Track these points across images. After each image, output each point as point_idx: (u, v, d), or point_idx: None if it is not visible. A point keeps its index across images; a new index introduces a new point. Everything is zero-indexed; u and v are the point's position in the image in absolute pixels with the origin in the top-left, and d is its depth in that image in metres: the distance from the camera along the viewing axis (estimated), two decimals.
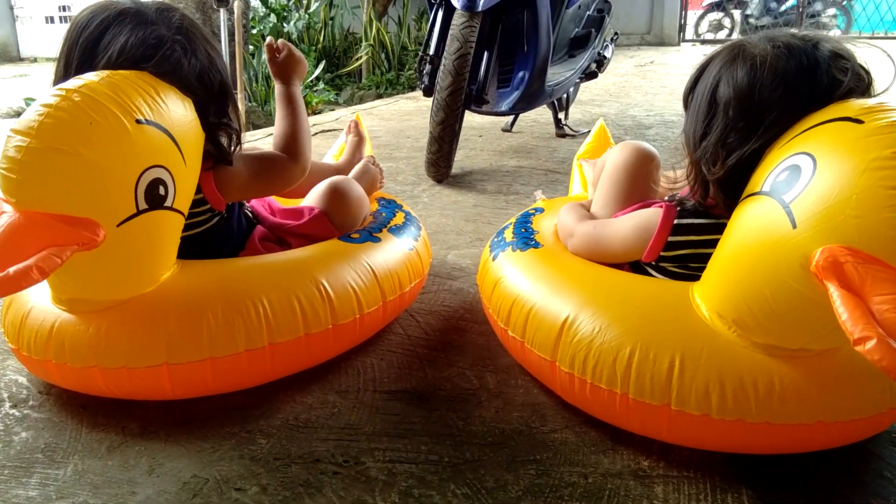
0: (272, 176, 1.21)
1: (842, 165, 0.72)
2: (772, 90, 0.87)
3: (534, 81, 2.45)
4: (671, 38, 8.06)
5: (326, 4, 6.04)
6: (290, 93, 1.27)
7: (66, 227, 0.84)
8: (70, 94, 0.87)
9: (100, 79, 0.91)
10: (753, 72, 0.89)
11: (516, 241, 1.21)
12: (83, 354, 0.98)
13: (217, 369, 1.00)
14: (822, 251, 0.71)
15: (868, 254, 0.69)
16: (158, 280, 1.01)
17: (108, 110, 0.88)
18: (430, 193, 2.26)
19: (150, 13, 1.04)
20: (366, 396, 1.07)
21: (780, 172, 0.79)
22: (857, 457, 0.91)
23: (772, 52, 0.89)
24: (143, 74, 0.97)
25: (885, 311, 0.65)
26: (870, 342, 0.64)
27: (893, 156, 0.70)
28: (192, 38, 1.06)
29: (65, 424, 1.01)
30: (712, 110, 0.93)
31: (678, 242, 0.99)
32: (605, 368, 0.90)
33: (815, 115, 0.82)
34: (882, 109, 0.75)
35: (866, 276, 0.67)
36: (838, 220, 0.71)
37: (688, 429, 0.86)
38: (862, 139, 0.73)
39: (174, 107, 0.98)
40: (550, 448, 0.94)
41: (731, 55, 0.94)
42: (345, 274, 1.13)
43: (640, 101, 4.08)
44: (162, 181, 0.95)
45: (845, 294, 0.68)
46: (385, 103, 4.45)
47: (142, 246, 0.96)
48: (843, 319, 0.67)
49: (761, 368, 0.84)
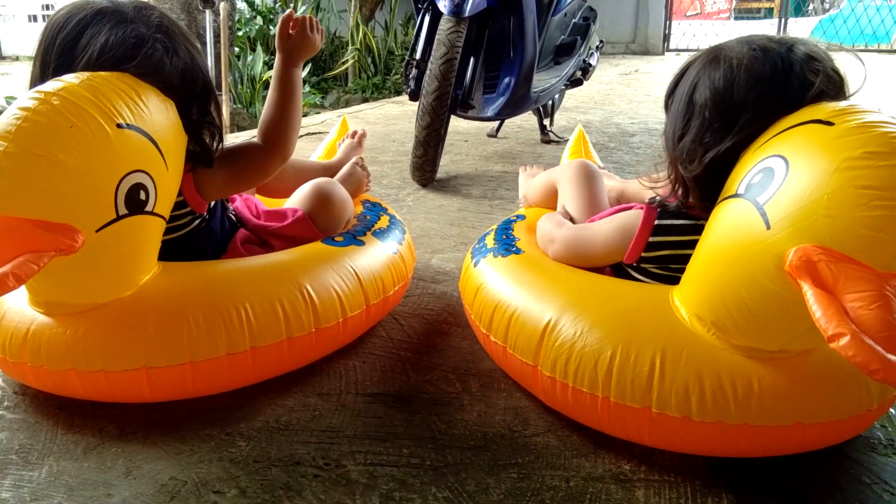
0: (249, 170, 1.17)
1: (813, 166, 0.73)
2: (747, 91, 0.89)
3: (519, 87, 2.46)
4: (655, 48, 8.13)
5: (313, 8, 6.03)
6: (289, 74, 1.18)
7: (43, 232, 0.82)
8: (49, 97, 0.86)
9: (80, 81, 0.90)
10: (730, 73, 0.91)
11: (497, 247, 1.21)
12: (60, 357, 0.97)
13: (197, 373, 0.99)
14: (795, 251, 0.72)
15: (841, 252, 0.70)
16: (138, 284, 1.00)
17: (89, 114, 0.87)
18: (414, 197, 2.26)
19: (129, 12, 1.02)
20: (347, 399, 1.07)
21: (754, 175, 0.80)
22: (836, 462, 0.92)
23: (748, 55, 0.91)
24: (123, 76, 0.96)
25: (859, 308, 0.67)
26: (843, 339, 0.65)
27: (863, 156, 0.71)
28: (173, 37, 1.04)
29: (40, 426, 1.00)
30: (690, 111, 0.95)
31: (659, 243, 1.00)
32: (587, 372, 0.90)
33: (788, 118, 0.83)
34: (852, 111, 0.77)
35: (839, 274, 0.68)
36: (811, 220, 0.72)
37: (669, 431, 0.87)
38: (833, 140, 0.74)
39: (156, 109, 0.97)
40: (532, 452, 0.94)
41: (709, 58, 0.96)
42: (328, 277, 1.12)
43: (624, 109, 4.10)
44: (143, 186, 0.93)
45: (819, 292, 0.69)
46: (371, 107, 4.44)
47: (121, 251, 0.95)
48: (818, 317, 0.68)
49: (740, 370, 0.84)
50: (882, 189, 0.69)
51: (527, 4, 2.35)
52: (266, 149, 1.16)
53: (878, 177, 0.70)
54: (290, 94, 1.17)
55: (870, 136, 0.72)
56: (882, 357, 0.64)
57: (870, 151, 0.71)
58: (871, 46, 8.37)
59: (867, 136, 0.72)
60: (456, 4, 2.15)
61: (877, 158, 0.70)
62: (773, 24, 8.81)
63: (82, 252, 0.86)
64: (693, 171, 0.93)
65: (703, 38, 7.94)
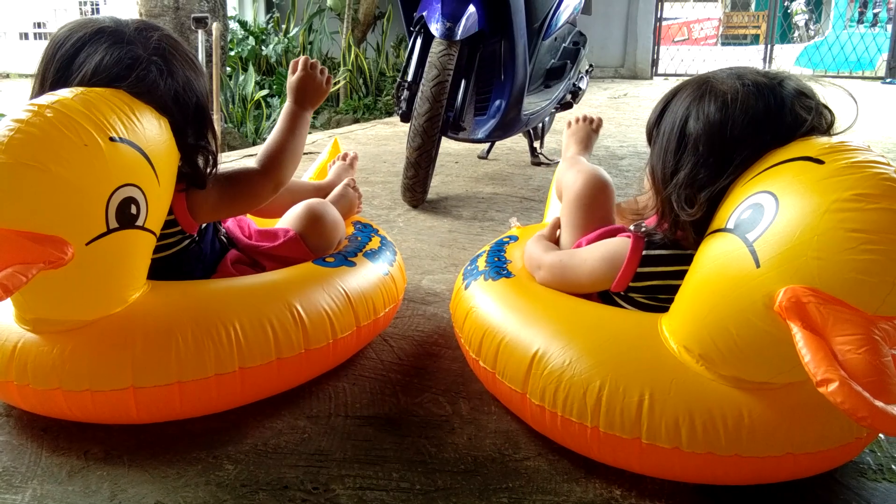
0: (241, 194, 1.17)
1: (803, 206, 0.74)
2: (743, 128, 0.89)
3: (510, 110, 2.48)
4: (644, 72, 8.23)
5: (305, 29, 6.07)
6: (295, 113, 1.23)
7: (32, 244, 0.82)
8: (42, 109, 0.86)
9: (73, 95, 0.90)
10: (724, 108, 0.90)
11: (488, 270, 1.21)
12: (46, 376, 0.96)
13: (185, 394, 0.98)
14: (785, 291, 0.72)
15: (830, 294, 0.70)
16: (127, 301, 0.99)
17: (82, 127, 0.87)
18: (405, 218, 2.26)
19: (129, 32, 1.02)
20: (337, 422, 1.06)
21: (743, 210, 0.81)
22: (826, 487, 0.92)
23: (742, 90, 0.90)
24: (117, 92, 0.96)
25: (847, 352, 0.67)
26: (832, 384, 0.66)
27: (853, 198, 0.71)
28: (170, 60, 1.04)
29: (24, 448, 0.98)
30: (682, 144, 0.94)
31: (647, 273, 1.00)
32: (576, 401, 0.90)
33: (777, 152, 0.84)
34: (842, 150, 0.77)
35: (828, 316, 0.69)
36: (800, 260, 0.72)
37: (659, 461, 0.86)
38: (823, 180, 0.75)
39: (149, 125, 0.97)
40: (523, 476, 0.93)
41: (699, 90, 0.95)
42: (319, 298, 1.12)
43: (613, 132, 4.14)
44: (134, 200, 0.93)
45: (808, 335, 0.69)
46: (362, 128, 4.46)
47: (111, 265, 0.94)
48: (807, 361, 0.68)
49: (730, 402, 0.84)
50: (871, 232, 0.70)
51: (517, 28, 2.37)
52: (262, 174, 1.18)
53: (868, 220, 0.70)
54: (293, 130, 1.22)
55: (860, 178, 0.73)
56: (869, 404, 0.64)
57: (859, 193, 0.71)
58: (855, 73, 8.51)
59: (857, 178, 0.73)
60: (448, 28, 2.17)
61: (866, 201, 0.71)
62: (759, 50, 8.94)
63: (71, 265, 0.85)
64: (693, 216, 0.91)
65: (690, 63, 8.05)
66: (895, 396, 0.65)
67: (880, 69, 8.29)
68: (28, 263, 0.81)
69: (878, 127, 4.29)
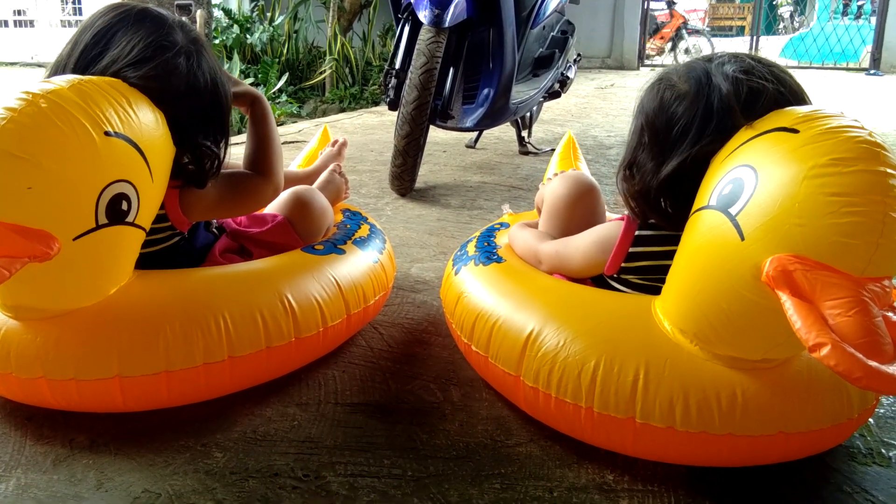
0: (242, 196, 1.17)
1: (782, 175, 0.74)
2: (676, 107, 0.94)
3: (498, 99, 2.47)
4: (631, 63, 8.24)
5: (291, 18, 6.01)
6: (267, 111, 1.23)
7: (18, 237, 0.79)
8: (37, 99, 0.83)
9: (69, 85, 0.87)
10: (663, 96, 0.96)
11: (479, 255, 1.20)
12: (29, 365, 0.94)
13: (173, 383, 0.97)
14: (771, 261, 0.72)
15: (815, 260, 0.70)
16: (109, 293, 0.97)
17: (76, 119, 0.84)
18: (393, 207, 2.25)
19: (170, 20, 1.04)
20: (327, 409, 1.05)
21: (724, 186, 0.81)
22: (817, 471, 0.92)
23: (677, 71, 0.97)
24: (115, 82, 0.94)
25: (837, 316, 0.67)
26: (825, 348, 0.65)
27: (830, 163, 0.71)
28: (202, 53, 1.06)
29: (8, 437, 0.97)
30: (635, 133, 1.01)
31: (639, 254, 1.00)
32: (570, 382, 0.90)
33: (752, 126, 0.83)
34: (816, 117, 0.77)
35: (816, 282, 0.69)
36: (784, 229, 0.72)
37: (652, 442, 0.86)
38: (799, 148, 0.74)
39: (145, 119, 0.95)
40: (515, 462, 0.93)
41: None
42: (309, 286, 1.10)
43: (601, 122, 4.15)
44: (126, 196, 0.91)
45: (797, 302, 0.69)
46: (348, 117, 4.43)
47: (97, 260, 0.92)
48: (798, 327, 0.68)
49: (724, 381, 0.84)
50: (850, 195, 0.70)
51: (506, 16, 2.36)
52: (265, 179, 1.18)
53: (846, 183, 0.70)
54: (275, 131, 1.23)
55: (835, 142, 0.73)
56: (864, 364, 0.64)
57: (836, 158, 0.71)
58: (840, 64, 8.57)
59: (833, 143, 0.73)
60: (436, 15, 2.15)
61: (843, 165, 0.71)
62: (745, 41, 8.99)
63: (57, 259, 0.83)
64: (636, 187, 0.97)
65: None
66: (889, 356, 0.65)
67: (864, 60, 8.36)
68: (12, 257, 0.78)
69: (863, 117, 4.32)
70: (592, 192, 1.22)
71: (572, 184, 1.22)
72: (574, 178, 1.24)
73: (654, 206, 0.96)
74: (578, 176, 1.24)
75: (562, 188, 1.22)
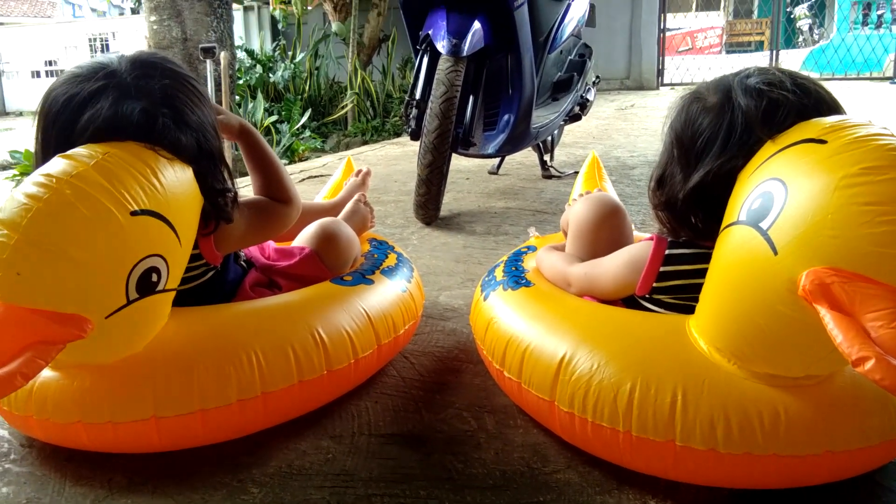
0: (269, 222, 1.19)
1: (812, 187, 0.72)
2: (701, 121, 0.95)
3: (519, 124, 2.48)
4: (650, 83, 8.24)
5: (312, 55, 6.13)
6: (260, 140, 1.24)
7: (51, 323, 0.79)
8: (61, 185, 0.81)
9: (94, 163, 0.85)
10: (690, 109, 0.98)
11: (507, 280, 1.20)
12: (67, 410, 0.94)
13: (208, 421, 0.97)
14: (807, 274, 0.70)
15: (852, 272, 0.68)
16: (144, 345, 0.97)
17: (101, 205, 0.82)
18: (419, 236, 2.26)
19: (129, 82, 0.97)
20: (361, 441, 1.04)
21: (753, 200, 0.79)
22: (867, 491, 0.89)
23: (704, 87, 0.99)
24: (138, 150, 0.92)
25: (879, 328, 0.65)
26: (869, 362, 0.63)
27: (861, 172, 0.70)
28: (180, 108, 1.00)
29: (48, 478, 0.97)
30: (666, 147, 1.02)
31: (671, 272, 0.99)
32: (606, 406, 0.88)
33: (778, 140, 0.82)
34: (844, 127, 0.76)
35: (854, 294, 0.67)
36: (817, 241, 0.70)
37: (694, 465, 0.84)
38: (828, 158, 0.73)
39: (171, 183, 0.93)
40: (554, 489, 0.91)
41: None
42: (339, 318, 1.10)
43: (623, 143, 4.13)
44: (156, 269, 0.90)
45: (837, 316, 0.67)
46: (371, 149, 4.48)
47: (131, 328, 0.92)
48: (839, 342, 0.66)
49: (765, 399, 0.82)
50: (884, 204, 0.68)
51: (523, 43, 2.38)
52: (286, 203, 1.21)
53: (879, 192, 0.69)
54: (269, 155, 1.24)
55: (865, 151, 0.71)
56: None
57: (867, 167, 0.70)
58: (863, 74, 8.48)
59: (862, 151, 0.71)
60: (454, 45, 2.18)
61: (875, 173, 0.69)
62: (764, 56, 8.94)
63: (91, 333, 0.83)
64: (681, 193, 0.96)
65: (696, 71, 8.05)
66: None
67: (888, 69, 8.26)
68: (47, 345, 0.78)
69: (892, 126, 4.25)
70: (617, 213, 1.22)
71: (597, 205, 1.22)
72: (598, 199, 1.23)
73: (682, 219, 0.97)
74: (602, 197, 1.24)
75: (586, 210, 1.22)
